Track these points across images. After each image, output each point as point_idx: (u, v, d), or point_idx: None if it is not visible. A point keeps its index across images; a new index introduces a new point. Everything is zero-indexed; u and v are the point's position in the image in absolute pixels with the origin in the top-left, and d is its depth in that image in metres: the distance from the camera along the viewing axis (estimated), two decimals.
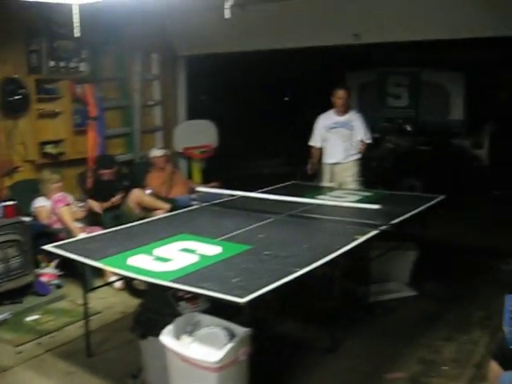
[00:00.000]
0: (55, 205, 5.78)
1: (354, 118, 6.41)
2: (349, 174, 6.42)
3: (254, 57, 8.85)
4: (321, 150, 6.56)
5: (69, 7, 4.09)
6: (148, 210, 6.33)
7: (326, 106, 6.57)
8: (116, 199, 6.38)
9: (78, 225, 5.79)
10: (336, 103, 6.37)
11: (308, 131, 9.75)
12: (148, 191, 6.66)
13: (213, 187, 6.84)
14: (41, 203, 5.94)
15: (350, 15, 6.49)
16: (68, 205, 5.82)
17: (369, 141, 6.44)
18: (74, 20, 3.92)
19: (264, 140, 12.45)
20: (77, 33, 3.99)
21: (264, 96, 13.41)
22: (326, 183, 6.51)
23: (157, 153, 7.35)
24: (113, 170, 6.63)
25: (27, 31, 6.21)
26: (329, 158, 6.48)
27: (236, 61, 9.77)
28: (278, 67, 11.80)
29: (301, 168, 9.43)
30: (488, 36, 6.26)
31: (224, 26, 3.82)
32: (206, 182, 7.89)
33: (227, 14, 3.19)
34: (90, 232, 5.57)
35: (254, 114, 12.73)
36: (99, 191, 6.40)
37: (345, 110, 6.40)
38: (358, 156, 6.45)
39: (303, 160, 9.77)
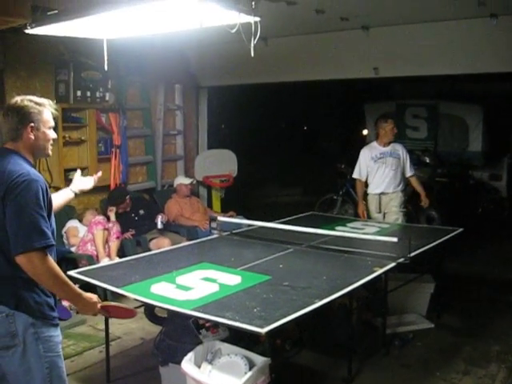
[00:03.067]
0: (94, 225, 5.94)
1: (399, 148, 6.47)
2: (395, 204, 6.42)
3: (274, 87, 9.01)
4: (365, 183, 6.58)
5: (96, 39, 4.26)
6: None
7: (345, 136, 6.65)
8: (127, 235, 6.47)
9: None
10: (386, 133, 6.40)
11: (326, 160, 9.83)
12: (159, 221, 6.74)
13: (230, 216, 6.94)
14: (73, 224, 6.09)
15: (370, 49, 6.59)
16: (106, 229, 5.99)
17: (413, 173, 6.54)
18: (104, 54, 4.06)
19: (282, 169, 12.57)
20: (106, 66, 4.13)
21: (283, 126, 13.57)
22: (373, 214, 6.51)
23: (184, 181, 7.47)
24: (125, 204, 6.74)
25: (56, 62, 6.44)
26: (376, 189, 6.46)
27: (256, 91, 9.94)
28: (297, 97, 11.96)
29: (319, 197, 9.56)
30: (505, 71, 6.35)
31: (246, 58, 3.92)
32: (224, 210, 7.99)
33: (252, 52, 3.30)
34: None
35: (273, 144, 12.86)
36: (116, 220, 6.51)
37: (390, 141, 6.44)
38: (404, 187, 6.51)
39: (321, 189, 9.90)
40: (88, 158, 6.82)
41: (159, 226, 6.67)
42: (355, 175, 6.65)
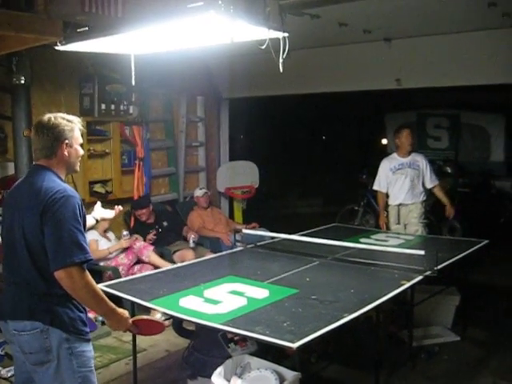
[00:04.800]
0: (145, 250, 6.13)
1: (419, 159, 6.44)
2: (414, 216, 6.38)
3: (294, 98, 9.04)
4: (386, 194, 6.55)
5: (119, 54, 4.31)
6: None
7: (366, 146, 6.62)
8: (150, 237, 6.52)
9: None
10: (402, 143, 6.42)
11: (346, 171, 9.73)
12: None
13: (253, 228, 6.95)
14: (93, 237, 6.09)
15: (392, 61, 6.60)
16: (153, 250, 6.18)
17: (436, 183, 6.48)
18: (132, 70, 4.09)
19: (302, 180, 12.59)
20: (133, 81, 4.16)
21: (302, 136, 13.58)
22: (392, 226, 6.48)
23: (198, 193, 7.49)
24: (148, 210, 6.76)
25: (81, 76, 6.53)
26: (395, 200, 6.44)
27: (276, 102, 9.97)
28: (318, 107, 11.98)
29: (339, 208, 9.55)
30: None
31: (268, 69, 3.95)
32: (246, 222, 8.01)
33: (281, 68, 3.33)
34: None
35: (293, 154, 12.89)
36: (139, 232, 6.56)
37: (409, 151, 6.43)
38: (424, 198, 6.46)
39: (341, 200, 9.89)
40: (112, 170, 6.89)
41: (191, 244, 6.69)
42: (375, 187, 6.66)
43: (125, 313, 2.85)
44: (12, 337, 2.71)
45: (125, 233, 6.27)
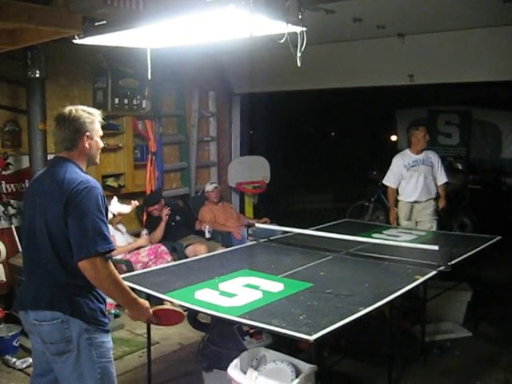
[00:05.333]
0: (166, 256, 6.10)
1: (432, 155, 6.45)
2: (427, 213, 6.41)
3: (304, 93, 9.03)
4: (396, 190, 6.57)
5: (134, 48, 4.33)
6: None
7: (376, 142, 6.59)
8: (166, 212, 6.58)
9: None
10: (418, 141, 6.42)
11: (356, 167, 9.67)
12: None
13: (265, 222, 6.97)
14: (111, 233, 6.11)
15: (406, 56, 6.59)
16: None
17: (445, 180, 6.50)
18: (148, 64, 4.11)
19: (312, 176, 12.58)
20: (149, 75, 4.17)
21: (313, 132, 13.58)
22: (402, 222, 6.49)
23: (208, 188, 7.52)
24: (160, 205, 6.75)
25: (94, 70, 6.56)
26: (409, 197, 6.44)
27: (285, 97, 9.98)
28: (327, 103, 11.97)
29: (348, 204, 9.55)
30: None
31: (280, 65, 3.97)
32: (257, 216, 8.03)
33: (299, 62, 3.34)
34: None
35: (303, 150, 12.88)
36: (152, 227, 6.59)
37: (423, 148, 6.44)
38: (437, 195, 6.46)
39: (351, 196, 9.89)
40: (125, 164, 6.92)
41: (207, 235, 6.77)
42: (385, 182, 6.65)
43: (146, 303, 2.88)
44: (32, 327, 2.74)
45: (144, 231, 6.31)
